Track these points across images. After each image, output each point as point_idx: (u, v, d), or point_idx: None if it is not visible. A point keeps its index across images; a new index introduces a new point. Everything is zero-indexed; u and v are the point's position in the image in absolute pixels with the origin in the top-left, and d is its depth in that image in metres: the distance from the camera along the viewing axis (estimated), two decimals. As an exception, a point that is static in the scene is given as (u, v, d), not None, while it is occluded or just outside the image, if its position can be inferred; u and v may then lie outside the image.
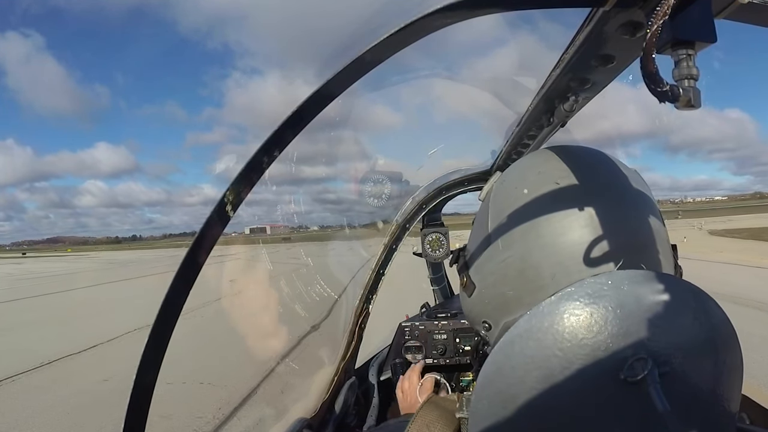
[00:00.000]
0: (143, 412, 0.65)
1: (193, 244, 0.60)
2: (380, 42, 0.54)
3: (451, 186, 1.97)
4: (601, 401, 0.51)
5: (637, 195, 0.66)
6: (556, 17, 0.71)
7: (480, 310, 0.74)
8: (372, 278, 1.98)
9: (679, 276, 0.67)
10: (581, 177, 0.66)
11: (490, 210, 0.73)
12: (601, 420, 0.51)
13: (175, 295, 0.61)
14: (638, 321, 0.51)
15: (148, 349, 0.63)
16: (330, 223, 2.10)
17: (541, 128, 1.07)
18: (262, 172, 0.60)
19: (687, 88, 0.48)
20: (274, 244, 1.94)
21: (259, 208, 1.25)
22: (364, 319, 1.98)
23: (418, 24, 0.52)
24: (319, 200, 1.95)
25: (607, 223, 0.61)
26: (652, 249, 0.62)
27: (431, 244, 2.12)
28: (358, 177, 1.91)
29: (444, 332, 1.92)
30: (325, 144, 1.56)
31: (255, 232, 1.91)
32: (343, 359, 1.88)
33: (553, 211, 0.64)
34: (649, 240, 0.62)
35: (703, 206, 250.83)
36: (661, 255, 0.63)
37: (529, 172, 0.71)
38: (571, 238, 0.62)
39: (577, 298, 0.53)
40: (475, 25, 0.62)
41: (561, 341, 0.53)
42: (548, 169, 0.69)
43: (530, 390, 0.54)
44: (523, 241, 0.65)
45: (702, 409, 0.52)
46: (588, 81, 0.76)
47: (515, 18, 0.79)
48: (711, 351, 0.52)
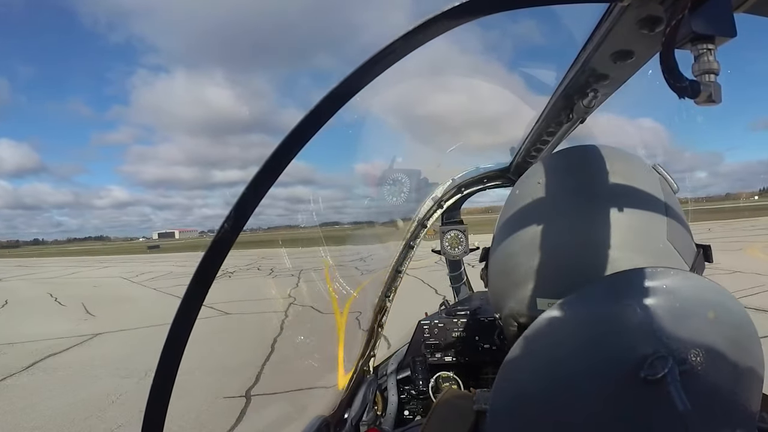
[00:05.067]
0: (162, 414, 0.66)
1: (210, 246, 0.60)
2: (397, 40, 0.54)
3: (469, 183, 1.96)
4: (621, 400, 0.50)
5: (616, 197, 0.66)
6: (575, 13, 0.71)
7: (492, 301, 0.79)
8: (391, 276, 1.98)
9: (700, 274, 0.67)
10: (558, 179, 0.70)
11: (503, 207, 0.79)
12: (620, 419, 0.51)
13: (192, 295, 0.62)
14: (658, 319, 0.50)
15: (167, 351, 0.64)
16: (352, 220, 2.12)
17: (561, 125, 1.06)
18: (280, 172, 0.60)
19: (707, 83, 0.47)
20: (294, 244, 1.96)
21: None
22: (383, 317, 1.99)
23: (438, 20, 0.52)
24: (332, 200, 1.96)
25: (573, 226, 0.64)
26: (619, 249, 0.62)
27: (450, 241, 2.12)
28: (377, 175, 1.91)
29: (463, 330, 1.91)
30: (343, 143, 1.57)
31: (163, 236, 1.93)
32: (362, 357, 1.89)
33: (530, 211, 0.69)
34: (616, 241, 0.62)
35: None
36: (642, 254, 0.63)
37: (529, 172, 0.77)
38: (540, 240, 0.66)
39: (597, 296, 0.53)
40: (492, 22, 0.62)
41: (579, 340, 0.52)
42: (538, 170, 0.74)
43: (548, 389, 0.54)
44: (507, 239, 0.71)
45: (722, 409, 0.51)
46: (607, 77, 0.75)
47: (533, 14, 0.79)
48: (731, 350, 0.52)
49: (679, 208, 0.71)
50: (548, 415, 0.54)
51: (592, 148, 0.73)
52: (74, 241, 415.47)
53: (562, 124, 1.05)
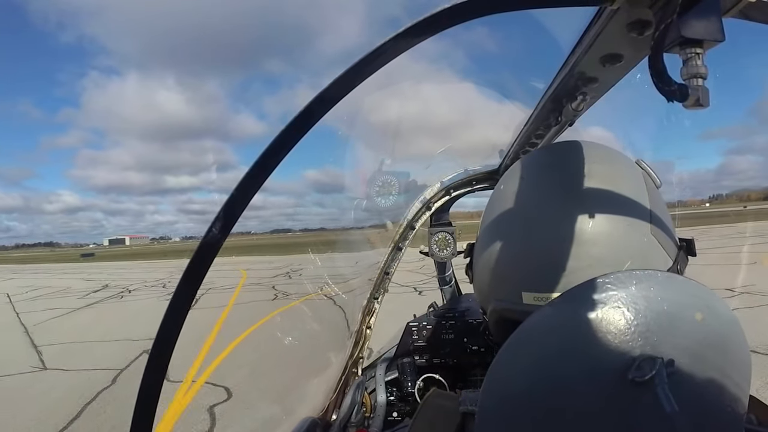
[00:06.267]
0: (150, 416, 0.66)
1: (199, 247, 0.60)
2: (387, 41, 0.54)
3: (458, 185, 1.97)
4: (609, 402, 0.50)
5: (600, 192, 0.67)
6: (564, 16, 0.71)
7: (478, 296, 0.80)
8: (379, 277, 1.98)
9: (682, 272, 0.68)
10: (542, 174, 0.72)
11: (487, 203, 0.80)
12: (607, 420, 0.51)
13: (181, 296, 0.62)
14: (646, 321, 0.50)
15: (154, 353, 0.63)
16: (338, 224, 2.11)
17: (549, 127, 1.07)
18: (269, 174, 0.60)
19: (695, 87, 0.48)
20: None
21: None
22: (371, 319, 1.98)
23: (430, 20, 0.52)
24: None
25: (557, 221, 0.65)
26: (603, 244, 0.63)
27: (438, 243, 2.12)
28: (365, 177, 1.91)
29: (452, 332, 1.91)
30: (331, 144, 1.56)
31: (114, 243, 1.92)
32: (351, 358, 1.89)
33: (515, 207, 0.71)
34: (601, 235, 0.64)
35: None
36: (626, 249, 0.64)
37: (513, 168, 0.78)
38: (524, 234, 0.67)
39: (584, 299, 0.53)
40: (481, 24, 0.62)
41: (568, 341, 0.53)
42: (523, 166, 0.76)
43: (536, 390, 0.54)
44: (492, 234, 0.73)
45: (710, 410, 0.51)
46: (596, 80, 0.76)
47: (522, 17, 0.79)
48: (719, 351, 0.52)
49: (663, 202, 0.72)
50: (536, 416, 0.54)
51: (576, 144, 0.74)
52: (22, 247, 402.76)
53: (551, 127, 1.06)
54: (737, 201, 30.47)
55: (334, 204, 2.08)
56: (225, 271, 21.82)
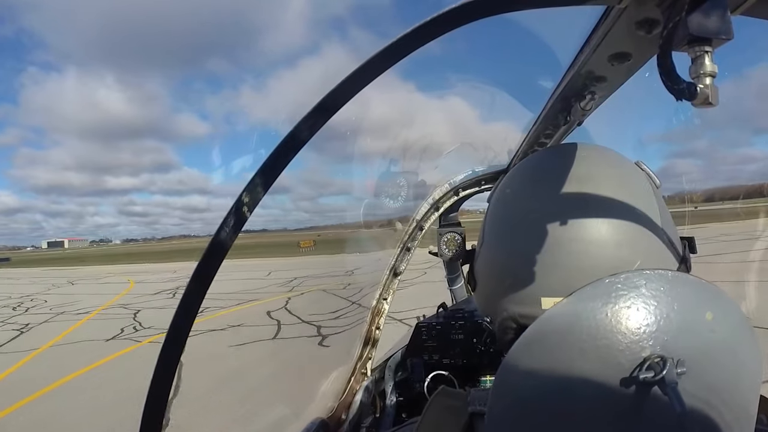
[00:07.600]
0: (160, 413, 0.66)
1: (209, 245, 0.61)
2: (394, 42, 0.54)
3: (467, 185, 1.97)
4: (618, 403, 0.50)
5: (609, 194, 0.66)
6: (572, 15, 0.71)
7: (481, 305, 0.78)
8: (388, 278, 1.98)
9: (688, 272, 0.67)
10: (549, 176, 0.70)
11: (488, 208, 0.78)
12: (617, 422, 0.51)
13: (191, 299, 0.62)
14: (656, 321, 0.50)
15: (164, 354, 0.64)
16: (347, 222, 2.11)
17: (558, 127, 1.07)
18: (280, 171, 0.60)
19: (704, 85, 0.48)
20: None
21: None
22: (380, 319, 1.98)
23: (438, 19, 0.52)
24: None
25: (569, 224, 0.64)
26: (616, 245, 0.63)
27: (447, 243, 2.12)
28: (374, 177, 1.91)
29: (461, 332, 1.91)
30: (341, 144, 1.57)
31: (52, 246, 1.91)
32: (360, 359, 1.89)
33: (523, 210, 0.69)
34: (613, 238, 0.63)
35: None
36: (637, 250, 0.63)
37: (515, 172, 0.76)
38: (537, 238, 0.65)
39: (594, 299, 0.53)
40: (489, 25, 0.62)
41: (577, 342, 0.52)
42: (526, 169, 0.75)
43: (546, 390, 0.54)
44: (499, 239, 0.71)
45: (719, 411, 0.51)
46: (604, 79, 0.76)
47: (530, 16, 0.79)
48: (729, 352, 0.52)
49: (663, 202, 0.71)
50: (546, 417, 0.54)
51: (581, 145, 0.74)
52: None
53: (560, 127, 1.06)
54: (680, 203, 30.00)
55: (346, 204, 2.09)
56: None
